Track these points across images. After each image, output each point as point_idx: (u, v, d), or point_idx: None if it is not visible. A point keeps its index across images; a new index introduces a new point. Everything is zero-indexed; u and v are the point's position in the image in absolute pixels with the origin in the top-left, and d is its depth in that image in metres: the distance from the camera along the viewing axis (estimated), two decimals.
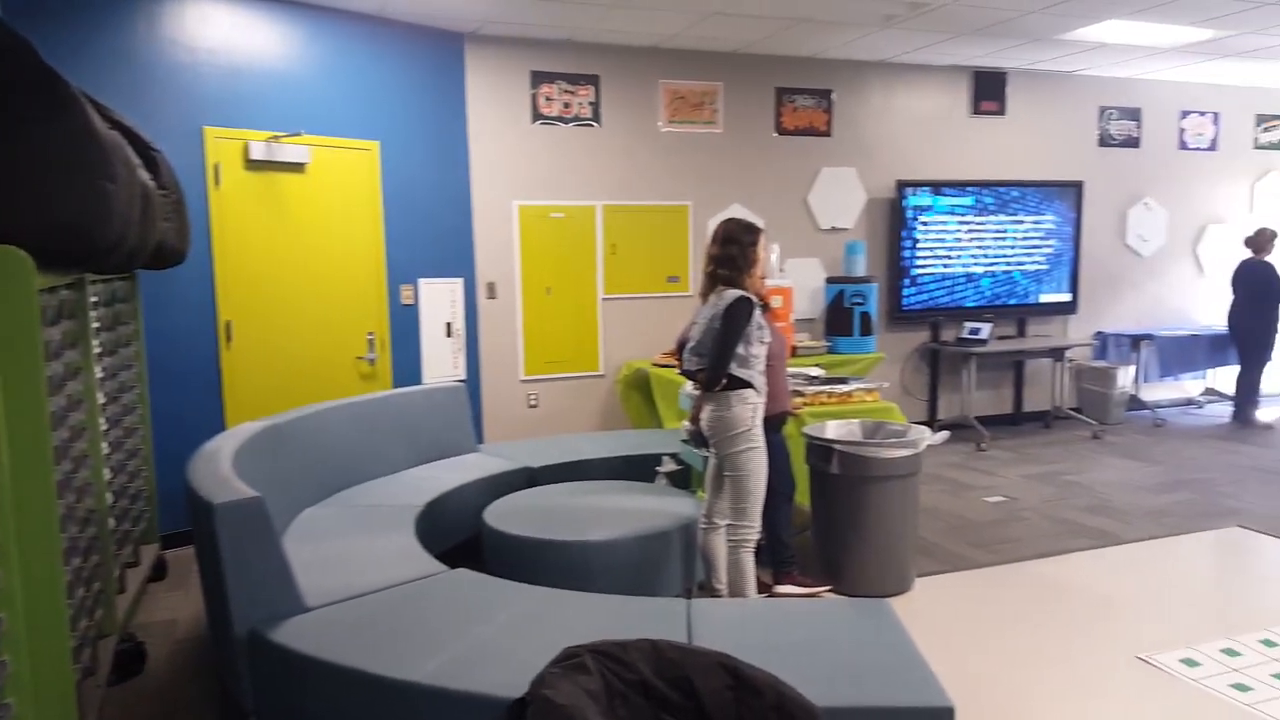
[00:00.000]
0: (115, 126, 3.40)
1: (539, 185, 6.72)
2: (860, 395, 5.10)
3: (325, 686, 2.64)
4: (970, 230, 8.01)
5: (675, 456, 4.77)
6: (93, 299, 3.64)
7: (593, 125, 6.84)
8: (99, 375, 3.65)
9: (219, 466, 3.28)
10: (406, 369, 6.11)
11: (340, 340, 5.79)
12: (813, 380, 5.29)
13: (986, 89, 7.98)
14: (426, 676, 2.46)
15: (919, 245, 7.87)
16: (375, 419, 4.85)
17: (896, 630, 2.80)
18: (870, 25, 6.42)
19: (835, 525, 4.41)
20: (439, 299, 6.27)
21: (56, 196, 2.40)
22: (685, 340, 3.97)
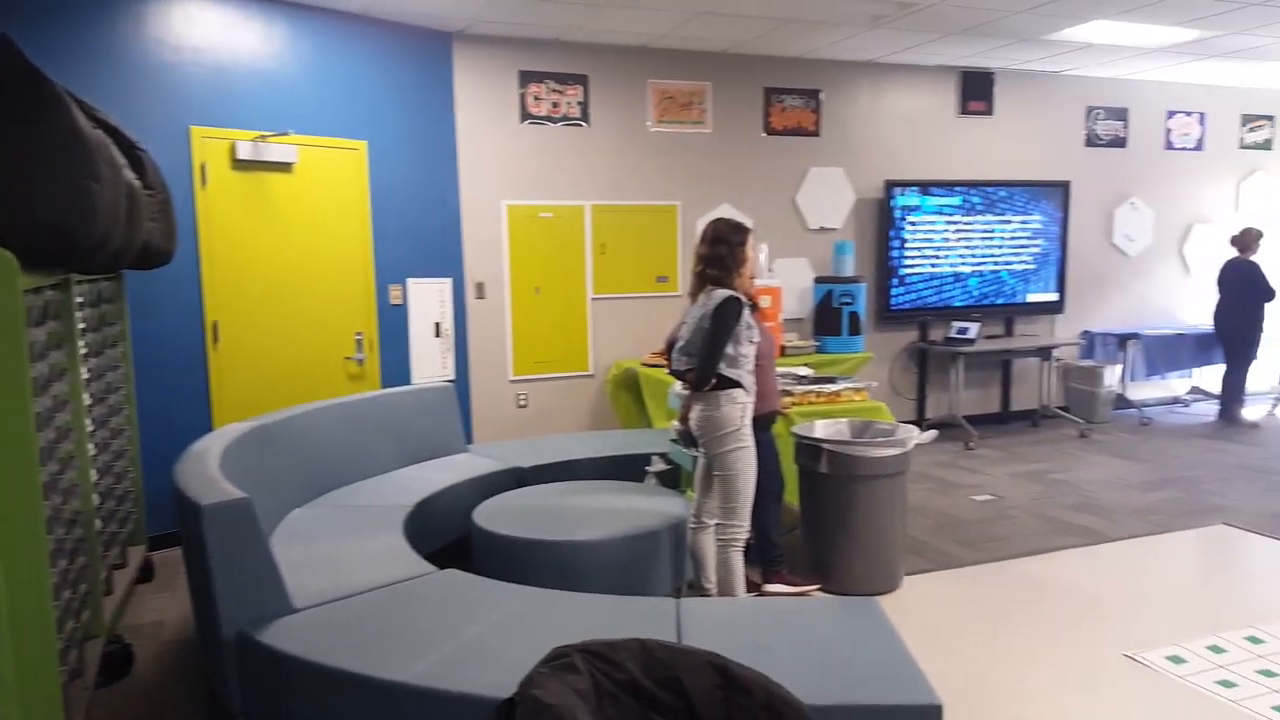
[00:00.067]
0: (100, 126, 3.38)
1: (527, 185, 6.71)
2: (849, 395, 5.11)
3: (313, 687, 2.64)
4: (958, 230, 8.04)
5: (664, 456, 4.77)
6: (78, 299, 3.62)
7: (581, 125, 6.83)
8: (85, 376, 3.63)
9: (206, 467, 3.26)
10: (395, 369, 6.09)
11: (328, 340, 5.77)
12: (801, 380, 5.29)
13: (974, 89, 8.00)
14: (415, 677, 2.46)
15: (907, 245, 7.88)
16: (364, 419, 4.84)
17: (885, 628, 2.81)
18: (858, 25, 6.43)
19: (824, 524, 4.42)
20: (427, 299, 6.26)
21: (40, 196, 2.39)
22: (674, 340, 3.97)
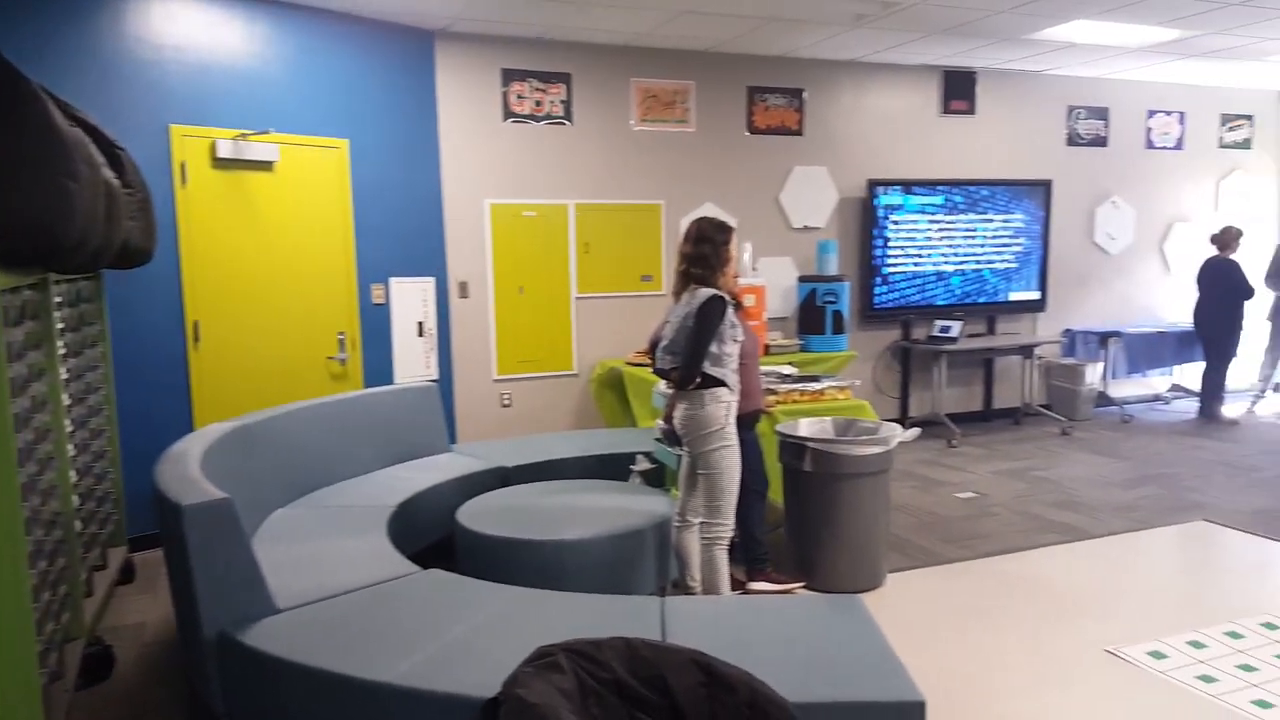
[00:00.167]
0: (78, 124, 3.36)
1: (511, 184, 6.69)
2: (832, 393, 5.12)
3: (296, 688, 2.62)
4: (941, 229, 8.07)
5: (649, 455, 4.77)
6: (57, 299, 3.59)
7: (564, 124, 6.82)
8: (64, 376, 3.61)
9: (187, 468, 3.24)
10: (378, 369, 6.07)
11: (310, 340, 5.74)
12: (785, 378, 5.30)
13: (956, 88, 8.04)
14: (399, 677, 2.45)
15: (890, 244, 7.91)
16: (346, 419, 4.82)
17: (868, 625, 2.82)
18: (841, 24, 6.45)
19: (808, 522, 4.43)
20: (410, 298, 6.23)
21: (16, 194, 2.36)
22: (658, 339, 3.97)
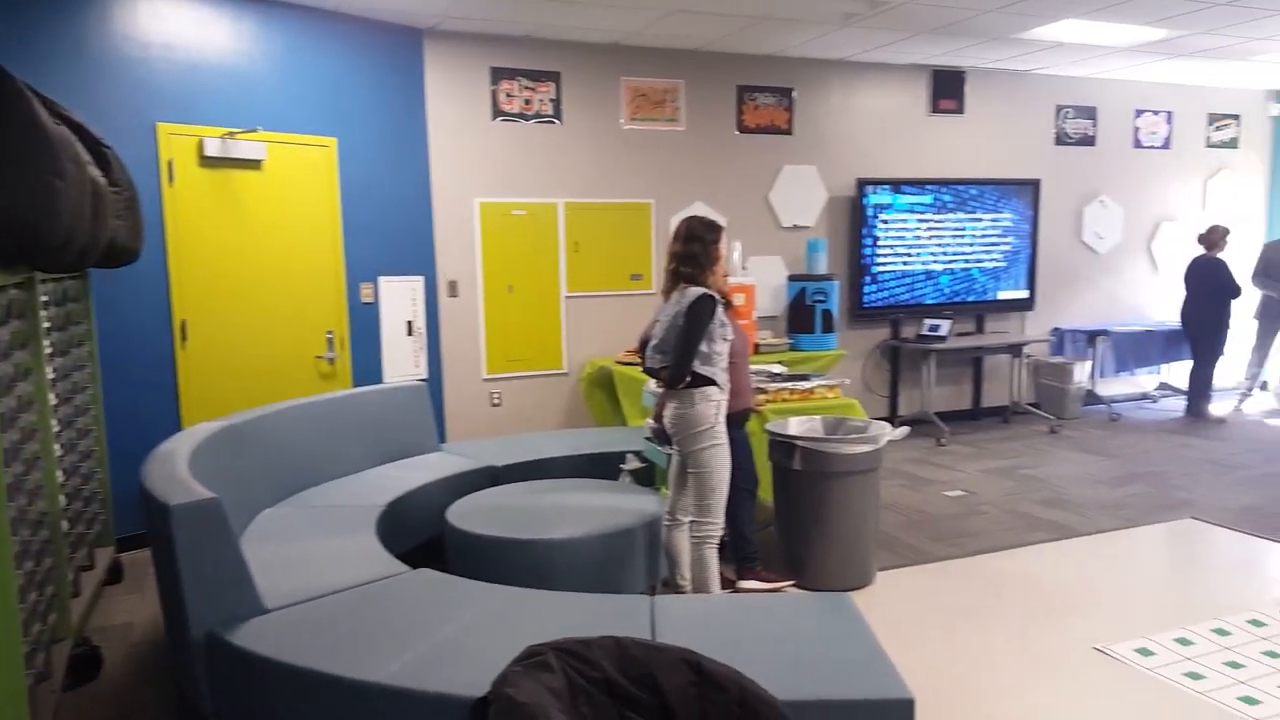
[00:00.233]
0: (64, 122, 3.34)
1: (500, 182, 6.68)
2: (822, 392, 5.13)
3: (285, 689, 2.61)
4: (929, 228, 8.09)
5: (639, 454, 4.77)
6: (43, 298, 3.57)
7: (554, 122, 6.81)
8: (50, 376, 3.59)
9: (175, 467, 3.22)
10: (367, 368, 6.05)
11: (299, 339, 5.72)
12: (775, 377, 5.31)
13: (945, 88, 8.06)
14: (389, 677, 2.44)
15: (879, 243, 7.93)
16: (335, 419, 4.80)
17: (858, 624, 2.82)
18: (830, 24, 6.46)
19: (798, 520, 4.44)
20: (399, 297, 6.22)
21: (2, 193, 2.35)
22: (648, 338, 3.98)
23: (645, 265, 7.16)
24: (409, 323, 6.29)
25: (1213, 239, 8.25)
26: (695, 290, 3.74)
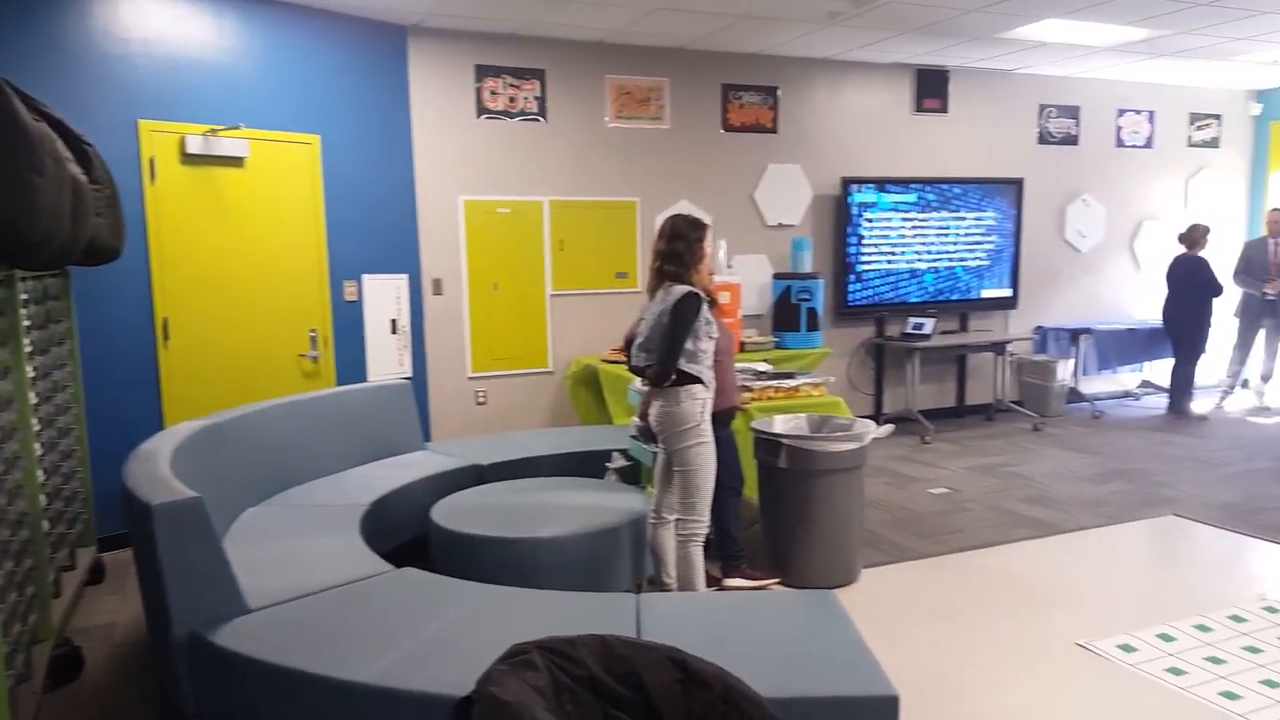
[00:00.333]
0: (44, 119, 3.31)
1: (485, 180, 6.66)
2: (807, 390, 5.14)
3: (269, 689, 2.60)
4: (914, 227, 8.11)
5: (624, 452, 4.77)
6: (23, 296, 3.55)
7: (539, 120, 6.80)
8: (30, 374, 3.56)
9: (157, 467, 3.20)
10: (351, 366, 6.03)
11: (282, 337, 5.70)
12: (760, 375, 5.32)
13: (929, 87, 8.08)
14: (372, 677, 2.43)
15: (864, 242, 7.95)
16: (319, 417, 4.78)
17: (842, 621, 2.83)
18: (814, 22, 6.47)
19: (783, 518, 4.44)
20: (383, 295, 6.20)
21: None
22: (633, 336, 3.98)
23: (630, 263, 7.15)
24: (393, 321, 6.27)
25: (1193, 238, 8.31)
26: (680, 288, 3.74)
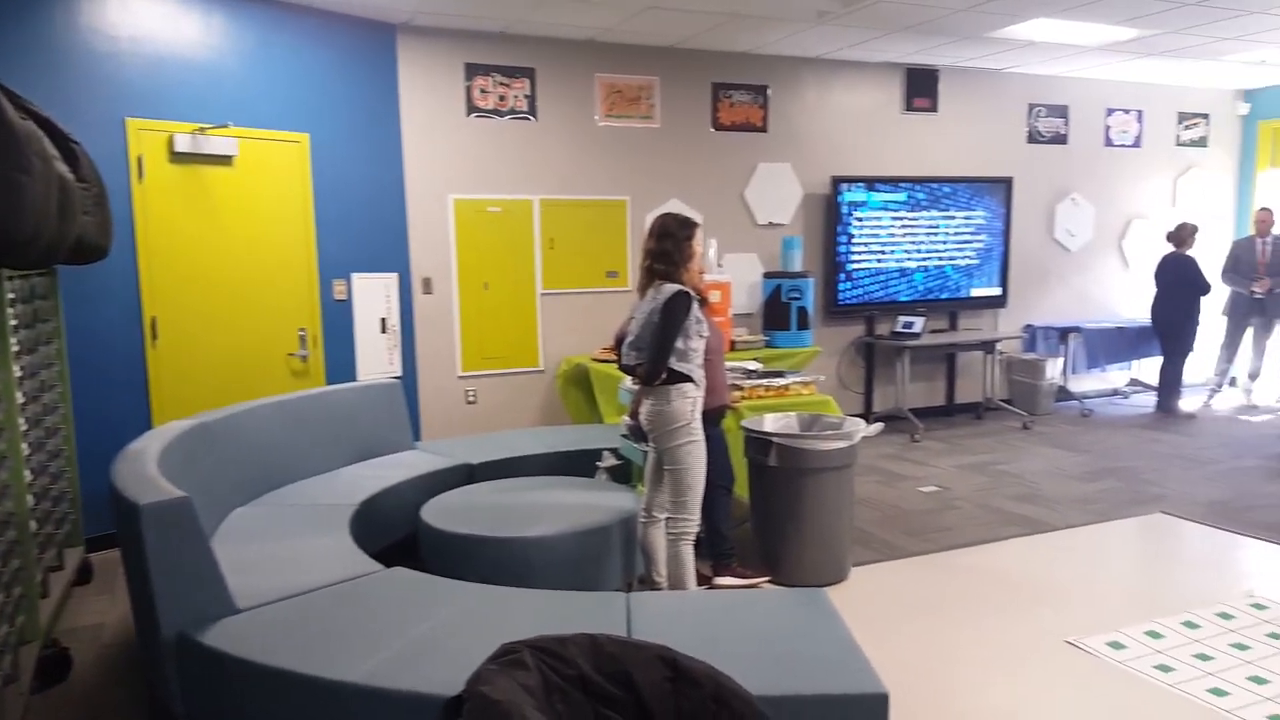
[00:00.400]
0: (31, 117, 3.29)
1: (475, 179, 6.65)
2: (797, 389, 5.15)
3: (258, 689, 2.59)
4: (903, 225, 8.13)
5: (615, 451, 4.76)
6: (10, 295, 3.52)
7: (529, 119, 6.79)
8: (17, 374, 3.54)
9: (145, 466, 3.19)
10: (340, 366, 6.01)
11: (271, 336, 5.68)
12: (750, 374, 5.32)
13: (919, 86, 8.10)
14: (362, 676, 2.42)
15: (854, 240, 7.96)
16: (308, 417, 4.77)
17: (833, 619, 2.84)
18: (804, 21, 6.47)
19: (773, 517, 4.45)
20: (373, 294, 6.18)
21: None
22: (624, 335, 3.97)
23: (621, 262, 7.15)
24: (383, 320, 6.25)
25: (1181, 236, 8.34)
26: (671, 287, 3.74)
